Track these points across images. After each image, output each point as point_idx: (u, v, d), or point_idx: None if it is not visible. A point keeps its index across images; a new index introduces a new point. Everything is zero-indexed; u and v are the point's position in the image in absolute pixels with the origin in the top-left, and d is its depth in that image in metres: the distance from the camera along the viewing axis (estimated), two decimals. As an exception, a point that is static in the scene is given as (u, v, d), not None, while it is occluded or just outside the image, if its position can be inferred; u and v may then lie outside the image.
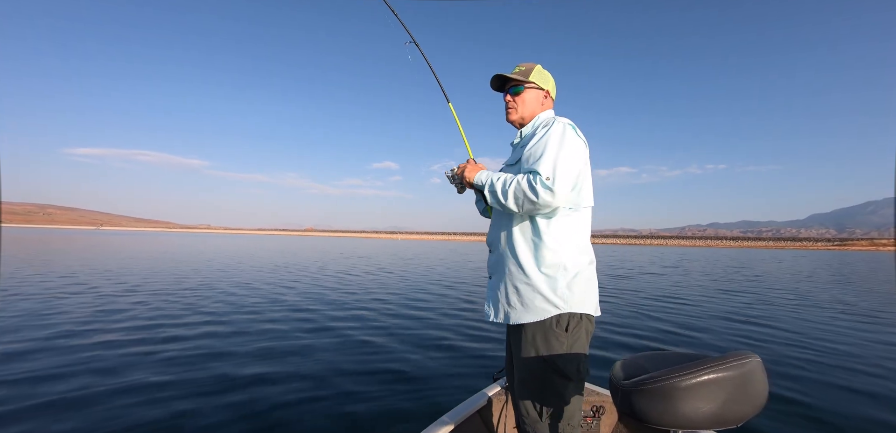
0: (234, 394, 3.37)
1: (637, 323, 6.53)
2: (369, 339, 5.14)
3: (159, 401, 3.18)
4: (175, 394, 3.30)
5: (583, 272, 1.50)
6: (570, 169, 1.43)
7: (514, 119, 1.70)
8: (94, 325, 5.45)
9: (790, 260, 30.67)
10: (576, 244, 1.50)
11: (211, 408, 3.09)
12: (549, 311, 1.45)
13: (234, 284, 9.91)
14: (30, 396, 3.18)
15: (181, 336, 5.05)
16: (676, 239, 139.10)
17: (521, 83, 1.66)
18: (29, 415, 2.90)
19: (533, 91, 1.68)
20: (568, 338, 1.45)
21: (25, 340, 4.66)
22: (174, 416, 2.95)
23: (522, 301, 1.48)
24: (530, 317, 1.47)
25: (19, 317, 5.82)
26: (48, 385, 3.41)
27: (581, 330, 1.48)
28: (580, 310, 1.47)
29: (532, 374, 1.48)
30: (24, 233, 63.78)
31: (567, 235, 1.49)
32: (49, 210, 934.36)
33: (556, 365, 1.44)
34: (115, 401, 3.16)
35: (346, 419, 2.98)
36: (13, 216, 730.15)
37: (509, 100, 1.69)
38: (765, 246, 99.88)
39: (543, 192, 1.38)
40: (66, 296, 7.65)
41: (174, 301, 7.44)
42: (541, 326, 1.46)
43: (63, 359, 4.07)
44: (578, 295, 1.47)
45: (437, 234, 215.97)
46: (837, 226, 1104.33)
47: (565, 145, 1.44)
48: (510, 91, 1.69)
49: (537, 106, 1.69)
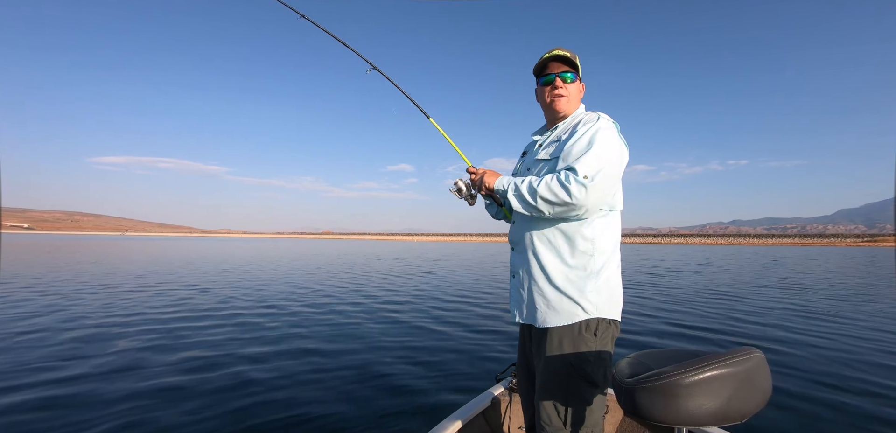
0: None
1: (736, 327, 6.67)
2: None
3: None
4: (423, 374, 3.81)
5: (613, 277, 1.44)
6: (613, 173, 1.35)
7: (560, 108, 1.53)
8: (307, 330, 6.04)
9: (821, 257, 30.02)
10: (607, 247, 1.43)
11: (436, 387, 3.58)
12: (579, 316, 1.38)
13: (360, 287, 10.38)
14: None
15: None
16: (697, 237, 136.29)
17: (577, 71, 1.53)
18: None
19: (577, 84, 1.55)
20: (597, 343, 1.39)
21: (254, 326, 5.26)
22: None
23: (549, 304, 1.41)
24: (559, 320, 1.39)
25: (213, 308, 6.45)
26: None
27: (609, 334, 1.43)
28: (609, 316, 1.42)
29: (557, 379, 1.40)
30: (59, 239, 66.64)
31: (600, 237, 1.41)
32: (76, 217, 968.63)
33: (584, 370, 1.38)
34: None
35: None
36: (43, 223, 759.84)
37: (561, 86, 1.51)
38: (790, 243, 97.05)
39: (578, 190, 1.28)
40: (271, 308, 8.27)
41: (297, 300, 8.02)
42: (569, 331, 1.39)
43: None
44: (607, 300, 1.41)
45: (452, 236, 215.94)
46: (867, 221, 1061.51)
47: (611, 144, 1.36)
48: (561, 75, 1.51)
49: (578, 99, 1.57)
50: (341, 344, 5.03)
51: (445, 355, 4.62)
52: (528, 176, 1.45)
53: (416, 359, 4.47)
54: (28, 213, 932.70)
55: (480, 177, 1.56)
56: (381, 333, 5.59)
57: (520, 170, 1.65)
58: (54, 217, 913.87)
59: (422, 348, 4.90)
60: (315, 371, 4.03)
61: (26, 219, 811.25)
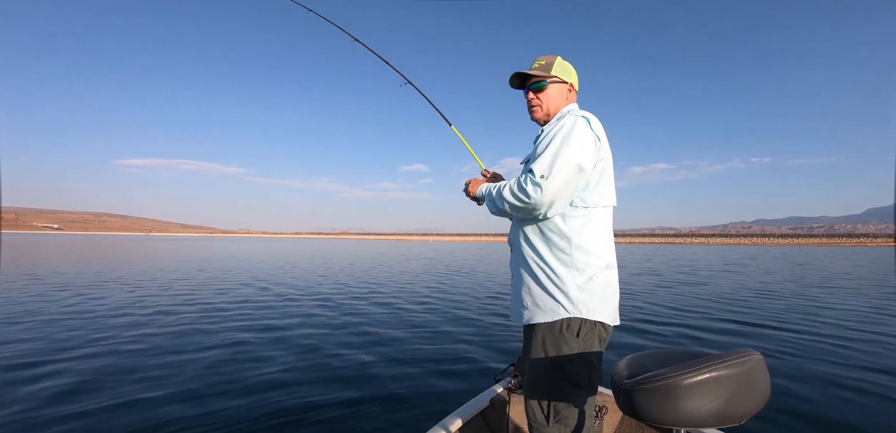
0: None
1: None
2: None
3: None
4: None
5: (599, 276, 1.42)
6: (571, 169, 1.34)
7: (539, 117, 1.60)
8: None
9: (859, 257, 29.43)
10: (590, 245, 1.42)
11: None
12: (559, 313, 1.39)
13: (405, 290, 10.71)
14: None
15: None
16: (719, 237, 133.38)
17: (544, 79, 1.56)
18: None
19: (556, 85, 1.58)
20: (579, 344, 1.39)
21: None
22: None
23: (534, 301, 1.44)
24: (541, 317, 1.42)
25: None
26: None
27: (594, 337, 1.41)
28: (594, 317, 1.39)
29: (540, 377, 1.43)
30: (95, 240, 69.51)
31: (580, 235, 1.41)
32: (103, 217, 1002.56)
33: (565, 370, 1.39)
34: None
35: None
36: (72, 224, 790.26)
37: (532, 97, 1.59)
38: (817, 243, 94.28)
39: (533, 190, 1.32)
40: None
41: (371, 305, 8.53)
42: (550, 328, 1.41)
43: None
44: (592, 300, 1.39)
45: (468, 236, 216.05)
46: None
47: (569, 140, 1.36)
48: (532, 88, 1.58)
49: (562, 100, 1.59)
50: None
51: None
52: (505, 180, 1.54)
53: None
54: (58, 213, 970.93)
55: (467, 184, 1.66)
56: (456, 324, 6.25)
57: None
58: (83, 218, 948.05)
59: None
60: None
61: (57, 219, 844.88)
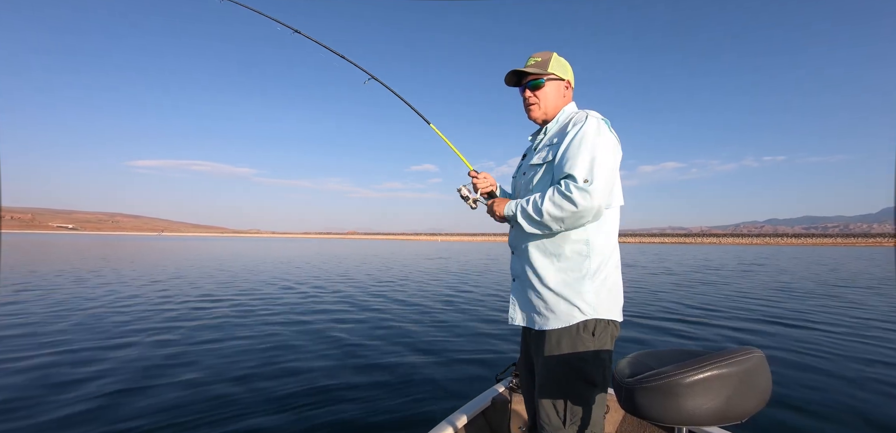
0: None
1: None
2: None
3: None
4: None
5: (610, 276, 1.43)
6: (608, 168, 1.34)
7: (537, 116, 1.58)
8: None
9: (877, 257, 29.06)
10: (604, 247, 1.42)
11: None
12: (576, 317, 1.38)
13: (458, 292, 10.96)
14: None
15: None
16: (731, 236, 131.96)
17: (541, 76, 1.54)
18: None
19: (553, 83, 1.56)
20: (595, 343, 1.40)
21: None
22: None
23: (547, 306, 1.42)
24: (556, 323, 1.40)
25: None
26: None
27: (607, 335, 1.42)
28: (607, 316, 1.41)
29: (556, 379, 1.41)
30: (112, 240, 71.18)
31: (593, 237, 1.40)
32: (117, 218, 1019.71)
33: (582, 370, 1.39)
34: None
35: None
36: (87, 224, 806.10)
37: (529, 95, 1.56)
38: (832, 242, 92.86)
39: (581, 196, 1.29)
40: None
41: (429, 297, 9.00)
42: (567, 332, 1.39)
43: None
44: (605, 300, 1.41)
45: (476, 236, 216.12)
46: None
47: (601, 143, 1.35)
48: (529, 86, 1.56)
49: (560, 99, 1.57)
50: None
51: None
52: (532, 195, 1.43)
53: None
54: (73, 213, 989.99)
55: (490, 205, 1.59)
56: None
57: (518, 172, 1.67)
58: (97, 218, 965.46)
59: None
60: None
61: (72, 220, 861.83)
